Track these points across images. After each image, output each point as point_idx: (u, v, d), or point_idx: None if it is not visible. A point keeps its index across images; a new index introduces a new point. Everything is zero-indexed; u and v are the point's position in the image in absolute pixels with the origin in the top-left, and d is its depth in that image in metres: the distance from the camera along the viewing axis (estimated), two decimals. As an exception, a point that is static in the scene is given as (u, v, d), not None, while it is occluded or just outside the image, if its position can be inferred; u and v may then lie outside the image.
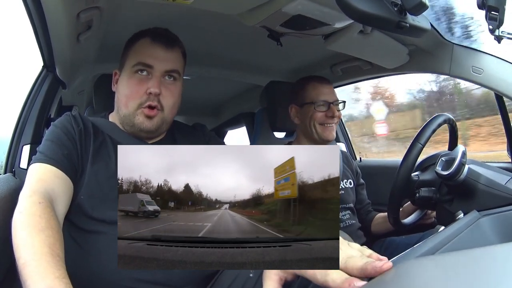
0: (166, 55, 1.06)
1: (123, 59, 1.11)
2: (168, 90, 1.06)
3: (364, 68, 1.71)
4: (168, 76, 1.07)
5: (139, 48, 1.07)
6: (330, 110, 1.55)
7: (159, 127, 1.07)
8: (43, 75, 1.42)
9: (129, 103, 1.05)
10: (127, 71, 1.07)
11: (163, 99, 1.05)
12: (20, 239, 0.68)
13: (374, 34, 1.25)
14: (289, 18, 1.10)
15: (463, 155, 1.05)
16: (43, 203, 0.76)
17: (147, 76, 1.05)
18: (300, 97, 1.59)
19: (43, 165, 0.90)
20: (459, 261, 0.44)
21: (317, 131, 1.55)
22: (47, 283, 0.59)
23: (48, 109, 1.42)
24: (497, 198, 0.97)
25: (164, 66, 1.05)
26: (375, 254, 0.51)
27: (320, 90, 1.56)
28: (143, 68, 1.05)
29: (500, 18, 0.96)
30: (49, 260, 0.63)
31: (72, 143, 0.97)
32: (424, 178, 1.19)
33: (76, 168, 0.95)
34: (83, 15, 1.01)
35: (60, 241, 0.70)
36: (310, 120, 1.55)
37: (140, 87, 1.04)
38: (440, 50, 1.33)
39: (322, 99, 1.55)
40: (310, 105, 1.55)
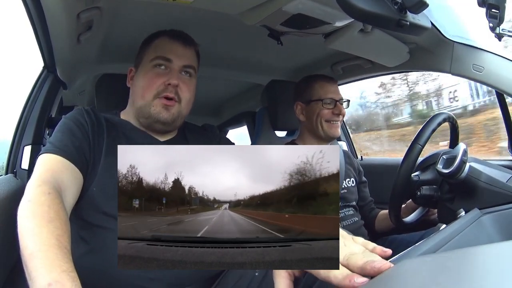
0: (184, 51, 1.10)
1: (139, 56, 1.13)
2: (185, 84, 1.09)
3: (364, 66, 1.71)
4: (185, 72, 1.10)
5: (158, 44, 1.10)
6: (337, 107, 1.57)
7: (175, 119, 1.08)
8: (43, 75, 1.42)
9: (146, 93, 1.06)
10: (145, 66, 1.09)
11: (181, 92, 1.07)
12: (28, 229, 0.65)
13: (374, 33, 1.25)
14: (290, 17, 1.10)
15: (464, 153, 1.04)
16: (52, 194, 0.74)
17: (165, 70, 1.08)
18: (306, 95, 1.61)
19: (53, 156, 0.88)
20: (460, 259, 0.44)
21: (323, 128, 1.56)
22: (53, 276, 0.56)
23: (49, 110, 1.42)
24: (498, 196, 0.97)
25: (182, 61, 1.09)
26: (378, 248, 0.51)
27: (327, 88, 1.58)
28: (162, 62, 1.07)
29: (500, 16, 0.96)
30: (56, 252, 0.60)
31: (83, 135, 0.97)
32: (425, 177, 1.19)
33: (87, 160, 0.94)
34: (83, 16, 1.01)
35: (68, 233, 0.68)
36: (317, 117, 1.57)
37: (158, 79, 1.06)
38: (440, 48, 1.33)
39: (329, 97, 1.57)
40: (317, 102, 1.57)
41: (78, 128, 0.97)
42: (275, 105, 1.79)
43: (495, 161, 1.43)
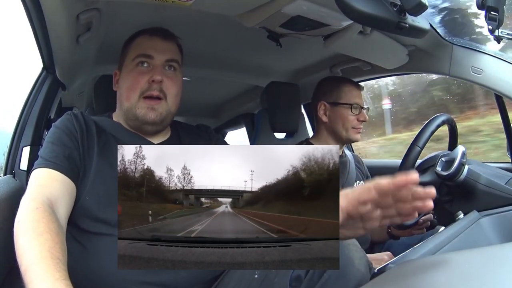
0: (165, 45, 1.07)
1: (122, 57, 1.12)
2: (170, 79, 1.06)
3: (363, 68, 1.71)
4: (168, 67, 1.08)
5: (139, 43, 1.08)
6: (362, 114, 1.54)
7: (164, 118, 1.06)
8: (42, 76, 1.42)
9: (131, 94, 1.04)
10: (128, 66, 1.07)
11: (166, 88, 1.05)
12: (20, 245, 0.69)
13: (373, 35, 1.25)
14: (289, 19, 1.10)
15: (463, 155, 1.05)
16: (40, 208, 0.77)
17: (148, 67, 1.05)
18: (333, 96, 1.57)
19: (43, 170, 0.90)
20: (459, 261, 0.44)
21: (348, 132, 1.54)
22: (46, 285, 0.59)
23: (48, 111, 1.42)
24: (497, 198, 0.97)
25: (164, 56, 1.06)
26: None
27: (356, 94, 1.56)
28: (144, 59, 1.05)
29: (499, 18, 0.97)
30: (48, 263, 0.64)
31: (73, 142, 0.96)
32: (424, 180, 1.18)
33: (78, 168, 0.95)
34: (82, 17, 1.01)
35: (60, 244, 0.70)
36: (344, 121, 1.54)
37: (141, 77, 1.04)
38: (439, 50, 1.33)
39: (358, 103, 1.55)
40: (346, 107, 1.54)
41: (67, 136, 0.97)
42: (274, 107, 1.78)
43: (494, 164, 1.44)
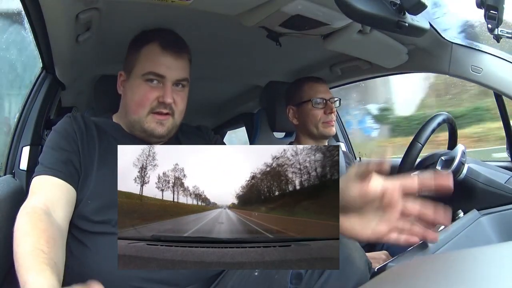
0: (177, 64, 1.06)
1: (130, 62, 1.09)
2: (179, 97, 1.06)
3: (363, 67, 1.71)
4: (177, 84, 1.07)
5: (149, 56, 1.05)
6: (328, 106, 1.56)
7: (170, 131, 1.07)
8: (42, 76, 1.42)
9: (139, 109, 1.04)
10: (137, 79, 1.05)
11: (175, 106, 1.05)
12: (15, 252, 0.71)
13: (373, 34, 1.25)
14: (288, 18, 1.10)
15: (463, 154, 1.05)
16: (30, 212, 0.79)
17: (158, 84, 1.04)
18: (296, 97, 1.60)
19: (41, 177, 0.91)
20: (459, 261, 0.44)
21: (319, 128, 1.55)
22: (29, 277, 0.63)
23: (48, 111, 1.42)
24: (497, 197, 0.97)
25: (176, 76, 1.05)
26: None
27: (316, 89, 1.58)
28: (154, 78, 1.04)
29: (499, 17, 0.96)
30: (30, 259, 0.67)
31: (71, 145, 0.97)
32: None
33: (78, 171, 0.96)
34: (82, 16, 1.01)
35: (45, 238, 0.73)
36: (311, 118, 1.56)
37: (151, 94, 1.03)
38: (439, 49, 1.33)
39: (319, 97, 1.56)
40: (308, 103, 1.56)
41: (65, 140, 0.97)
42: (274, 107, 1.79)
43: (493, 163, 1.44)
